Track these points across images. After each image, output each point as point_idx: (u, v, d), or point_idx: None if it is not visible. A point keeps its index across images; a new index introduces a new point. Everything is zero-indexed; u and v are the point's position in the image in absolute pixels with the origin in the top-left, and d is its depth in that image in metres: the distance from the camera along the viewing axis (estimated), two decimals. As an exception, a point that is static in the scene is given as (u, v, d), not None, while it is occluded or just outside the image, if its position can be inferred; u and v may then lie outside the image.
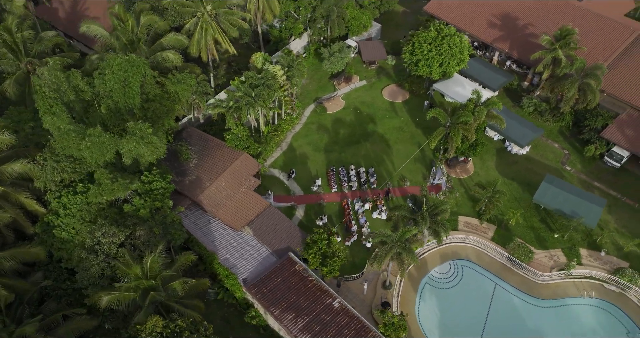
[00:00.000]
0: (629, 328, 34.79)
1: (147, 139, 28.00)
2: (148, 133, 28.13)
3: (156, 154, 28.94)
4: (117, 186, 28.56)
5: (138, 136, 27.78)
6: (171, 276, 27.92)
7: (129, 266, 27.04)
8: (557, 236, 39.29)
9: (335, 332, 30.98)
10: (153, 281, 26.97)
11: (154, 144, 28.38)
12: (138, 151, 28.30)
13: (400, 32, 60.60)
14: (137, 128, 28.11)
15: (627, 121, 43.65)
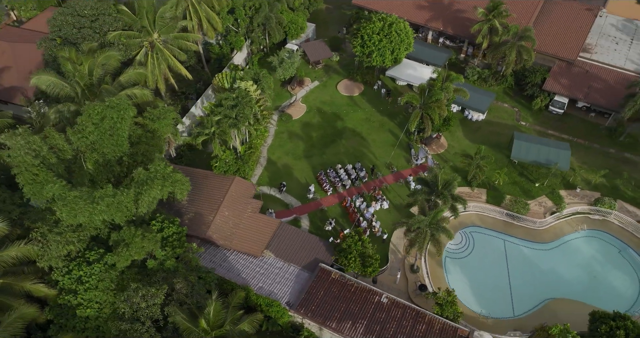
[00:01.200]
0: (619, 248, 39.93)
1: (171, 178, 25.74)
2: (169, 172, 25.91)
3: (186, 190, 26.77)
4: (147, 242, 25.96)
5: (160, 178, 25.44)
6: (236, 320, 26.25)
7: (194, 323, 24.89)
8: (538, 185, 43.53)
9: (396, 326, 31.56)
10: (226, 330, 25.14)
11: (181, 181, 26.19)
12: (162, 195, 25.90)
13: (332, 29, 61.92)
14: (157, 170, 25.72)
15: (559, 72, 49.40)
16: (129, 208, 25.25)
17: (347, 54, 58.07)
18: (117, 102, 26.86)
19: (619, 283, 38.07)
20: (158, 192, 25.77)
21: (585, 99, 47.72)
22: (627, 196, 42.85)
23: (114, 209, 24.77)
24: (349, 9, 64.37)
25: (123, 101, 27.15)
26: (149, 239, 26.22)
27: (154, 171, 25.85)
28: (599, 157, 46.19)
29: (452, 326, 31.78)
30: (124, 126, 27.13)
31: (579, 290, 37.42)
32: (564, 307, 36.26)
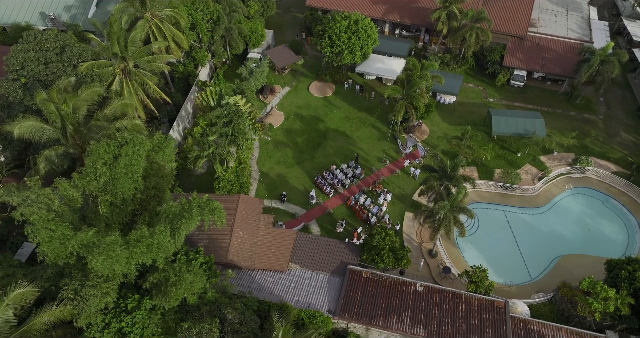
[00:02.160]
0: (602, 199, 43.78)
1: (209, 206, 24.38)
2: (206, 200, 24.55)
3: (224, 217, 25.48)
4: (195, 278, 24.49)
5: (198, 208, 24.04)
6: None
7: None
8: (520, 155, 46.52)
9: (438, 311, 32.43)
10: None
11: (219, 209, 24.89)
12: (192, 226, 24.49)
13: (288, 33, 61.80)
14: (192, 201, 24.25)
15: (513, 48, 52.96)
16: (169, 246, 23.70)
17: (309, 56, 58.28)
18: (131, 137, 25.00)
19: (609, 231, 41.76)
20: (197, 223, 24.44)
21: (542, 70, 51.62)
22: (596, 152, 47.04)
23: (155, 250, 23.11)
24: (300, 12, 64.65)
25: (137, 136, 25.32)
26: (195, 274, 24.82)
27: (186, 203, 24.44)
28: (563, 121, 50.23)
29: (488, 300, 33.24)
30: (140, 162, 25.34)
31: (579, 244, 40.59)
32: (572, 262, 39.17)
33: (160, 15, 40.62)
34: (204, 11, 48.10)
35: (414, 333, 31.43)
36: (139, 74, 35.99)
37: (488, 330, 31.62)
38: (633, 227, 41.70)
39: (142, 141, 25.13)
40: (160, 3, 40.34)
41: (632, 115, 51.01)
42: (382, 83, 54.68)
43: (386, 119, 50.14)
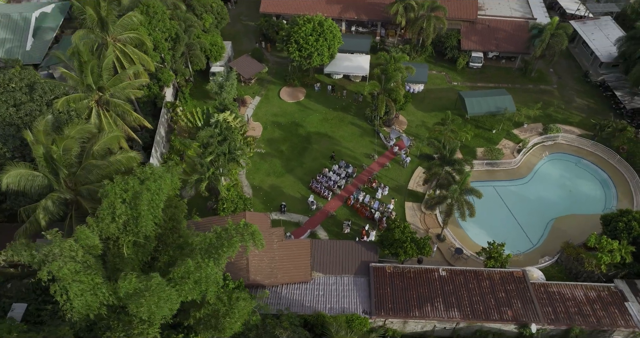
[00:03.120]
0: (574, 161, 47.39)
1: (248, 230, 23.33)
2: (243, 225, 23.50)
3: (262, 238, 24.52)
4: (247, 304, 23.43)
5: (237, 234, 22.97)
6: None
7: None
8: (495, 131, 49.13)
9: (466, 291, 33.55)
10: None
11: (257, 232, 23.90)
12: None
13: (245, 42, 60.72)
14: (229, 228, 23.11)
15: (468, 32, 55.71)
16: (218, 278, 22.51)
17: (271, 63, 57.67)
18: (151, 171, 23.39)
19: (587, 189, 45.33)
20: (238, 249, 23.40)
21: (497, 49, 54.77)
22: (560, 119, 50.77)
23: (204, 284, 21.85)
24: (250, 20, 63.74)
25: (156, 169, 23.73)
26: (245, 299, 23.81)
27: (223, 231, 23.34)
28: (524, 94, 53.65)
29: (507, 272, 34.90)
30: (162, 196, 23.83)
31: (566, 206, 43.66)
32: (565, 223, 42.10)
33: (123, 38, 38.33)
34: (161, 30, 46.00)
35: (450, 317, 32.33)
36: (118, 103, 33.75)
37: (515, 300, 33.22)
38: (606, 182, 45.53)
39: (163, 174, 23.66)
40: (120, 26, 38.01)
41: (580, 81, 55.53)
42: (350, 81, 55.34)
43: (363, 116, 50.89)
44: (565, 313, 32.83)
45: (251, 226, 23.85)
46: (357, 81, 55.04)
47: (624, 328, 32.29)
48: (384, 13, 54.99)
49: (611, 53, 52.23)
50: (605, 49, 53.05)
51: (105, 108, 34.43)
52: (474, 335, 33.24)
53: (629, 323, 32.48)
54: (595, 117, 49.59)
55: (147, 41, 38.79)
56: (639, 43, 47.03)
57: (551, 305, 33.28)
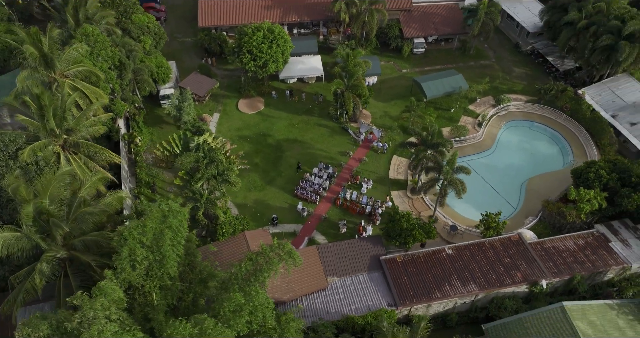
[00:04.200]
0: (528, 125, 51.27)
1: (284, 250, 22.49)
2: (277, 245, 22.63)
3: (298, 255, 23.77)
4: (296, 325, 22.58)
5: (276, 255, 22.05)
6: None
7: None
8: (453, 110, 51.76)
9: (476, 264, 35.17)
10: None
11: (293, 250, 23.12)
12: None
13: (187, 59, 58.43)
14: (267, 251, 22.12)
15: (406, 20, 57.96)
16: (271, 303, 21.55)
17: (220, 77, 56.10)
18: (168, 207, 21.73)
19: (545, 148, 49.30)
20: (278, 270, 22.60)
21: (437, 33, 57.57)
22: (505, 89, 54.55)
23: (262, 312, 20.79)
24: (185, 36, 61.49)
25: (174, 204, 22.10)
26: (293, 320, 23.04)
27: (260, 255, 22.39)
28: (468, 71, 56.88)
29: (505, 238, 37.08)
30: (184, 232, 22.34)
31: (532, 167, 47.14)
32: (536, 183, 45.46)
33: (71, 73, 35.28)
34: (104, 58, 42.92)
35: (469, 291, 33.74)
36: (89, 143, 31.03)
37: (520, 262, 35.42)
38: (558, 139, 49.78)
39: (181, 208, 22.22)
40: (66, 60, 34.93)
41: (513, 53, 60.06)
42: (304, 83, 55.36)
43: (327, 115, 51.19)
44: (564, 264, 35.59)
45: (286, 244, 23.24)
46: (312, 82, 55.21)
47: (615, 266, 35.69)
48: (326, 12, 55.61)
49: (536, 23, 57.04)
50: (530, 20, 57.82)
51: (73, 151, 31.52)
52: (491, 302, 34.97)
53: (617, 261, 35.96)
54: (535, 83, 53.95)
55: (98, 72, 36.04)
56: (560, 11, 51.76)
57: (551, 259, 35.90)
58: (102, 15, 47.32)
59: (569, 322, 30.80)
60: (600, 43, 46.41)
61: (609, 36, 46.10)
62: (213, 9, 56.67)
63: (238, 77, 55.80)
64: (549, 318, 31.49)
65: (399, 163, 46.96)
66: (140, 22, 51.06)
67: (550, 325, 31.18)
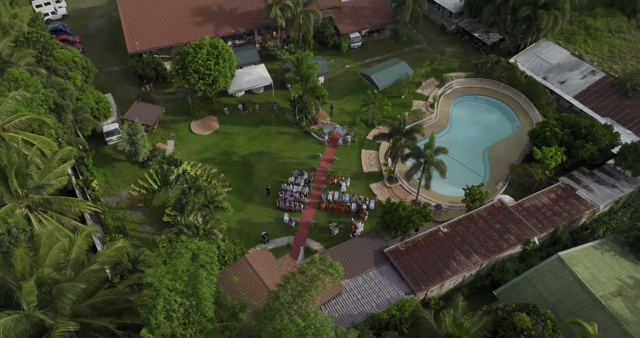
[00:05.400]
0: (473, 99, 54.64)
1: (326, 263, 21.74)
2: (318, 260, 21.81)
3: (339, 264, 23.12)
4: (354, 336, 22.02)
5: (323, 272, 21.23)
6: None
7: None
8: (404, 96, 53.68)
9: (472, 236, 36.89)
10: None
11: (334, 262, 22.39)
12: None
13: (121, 89, 54.64)
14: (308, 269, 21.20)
15: (339, 17, 58.85)
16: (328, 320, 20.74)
17: (162, 103, 53.21)
18: (197, 245, 20.03)
19: (493, 117, 52.85)
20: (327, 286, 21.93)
21: (370, 26, 59.17)
22: (444, 69, 57.55)
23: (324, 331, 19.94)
24: (111, 65, 57.49)
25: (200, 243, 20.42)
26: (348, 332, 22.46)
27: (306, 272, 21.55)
28: (406, 57, 59.03)
29: (489, 206, 39.30)
30: (216, 270, 20.84)
31: (488, 136, 50.28)
32: (495, 150, 48.57)
33: (14, 125, 31.43)
34: (37, 102, 38.76)
35: (475, 263, 35.33)
36: (61, 198, 27.84)
37: (509, 225, 37.75)
38: (501, 106, 53.60)
39: (209, 244, 20.76)
40: (4, 112, 31.00)
41: (440, 34, 63.48)
42: (253, 94, 54.23)
43: (286, 122, 50.66)
44: (546, 219, 38.53)
45: (326, 258, 22.70)
46: (261, 92, 54.26)
47: (586, 211, 39.33)
48: (259, 20, 54.83)
49: (456, 4, 60.79)
50: (450, 2, 61.49)
51: (41, 210, 28.14)
52: (493, 269, 36.92)
53: (587, 206, 39.67)
54: (471, 59, 57.52)
55: (45, 119, 32.52)
56: (478, -10, 55.68)
57: (533, 217, 38.67)
58: (19, 55, 42.89)
59: (568, 269, 33.49)
60: (521, 14, 50.65)
61: (527, 7, 50.44)
62: (140, 33, 53.49)
63: (182, 100, 53.30)
64: (550, 270, 33.97)
65: (369, 155, 47.79)
66: (65, 58, 46.80)
67: (553, 276, 33.66)
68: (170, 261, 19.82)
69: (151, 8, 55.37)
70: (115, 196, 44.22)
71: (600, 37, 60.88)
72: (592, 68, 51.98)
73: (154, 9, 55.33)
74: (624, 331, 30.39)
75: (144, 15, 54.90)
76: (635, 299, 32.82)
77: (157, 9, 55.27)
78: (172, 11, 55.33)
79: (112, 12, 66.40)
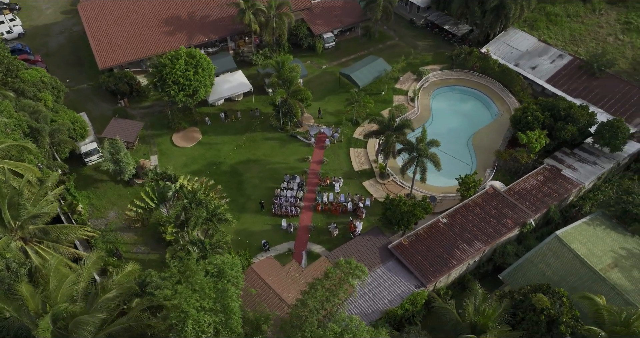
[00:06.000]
0: (450, 90, 55.78)
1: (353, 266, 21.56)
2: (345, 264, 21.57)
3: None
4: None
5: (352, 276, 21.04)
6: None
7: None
8: (384, 93, 54.20)
9: (471, 224, 37.64)
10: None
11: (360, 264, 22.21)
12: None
13: (95, 106, 52.50)
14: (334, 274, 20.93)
15: (311, 19, 58.75)
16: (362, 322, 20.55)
17: (139, 117, 51.54)
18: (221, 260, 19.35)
19: (473, 106, 54.17)
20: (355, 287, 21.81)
21: (342, 25, 59.39)
22: (419, 63, 58.49)
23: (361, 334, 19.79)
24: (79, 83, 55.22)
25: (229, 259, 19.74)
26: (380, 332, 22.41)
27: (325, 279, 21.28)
28: (381, 53, 59.56)
29: (483, 193, 40.25)
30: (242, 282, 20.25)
31: (469, 125, 51.51)
32: (478, 138, 49.81)
33: (-6, 154, 29.62)
34: (12, 127, 36.69)
35: (477, 250, 36.08)
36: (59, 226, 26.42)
37: (505, 210, 38.78)
38: (478, 95, 55.02)
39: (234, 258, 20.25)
40: (-19, 140, 29.16)
41: (410, 28, 64.47)
42: (233, 101, 53.37)
43: (270, 127, 50.14)
44: (538, 200, 39.83)
45: (352, 261, 22.58)
46: (240, 98, 53.46)
47: (573, 189, 40.93)
48: (232, 26, 54.01)
49: (423, -1, 61.98)
50: (417, -3, 62.62)
51: (36, 241, 26.63)
52: (494, 253, 37.84)
53: (574, 184, 41.28)
54: (445, 52, 58.67)
55: (27, 145, 30.82)
56: (445, -16, 56.92)
57: (526, 200, 39.90)
58: (-17, 80, 40.45)
59: (567, 246, 34.76)
60: (490, 5, 52.14)
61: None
62: (109, 48, 51.56)
63: (159, 113, 51.82)
64: (550, 250, 35.14)
65: (358, 154, 47.96)
66: (32, 79, 44.57)
67: (553, 255, 34.84)
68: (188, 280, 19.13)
69: (118, 20, 53.49)
70: (102, 219, 42.51)
71: (561, 23, 63.53)
72: (559, 52, 54.16)
73: (121, 21, 53.50)
74: (626, 300, 31.81)
75: (111, 29, 52.99)
76: (630, 269, 34.42)
77: (124, 22, 53.47)
78: (140, 23, 53.68)
79: (72, 28, 63.69)
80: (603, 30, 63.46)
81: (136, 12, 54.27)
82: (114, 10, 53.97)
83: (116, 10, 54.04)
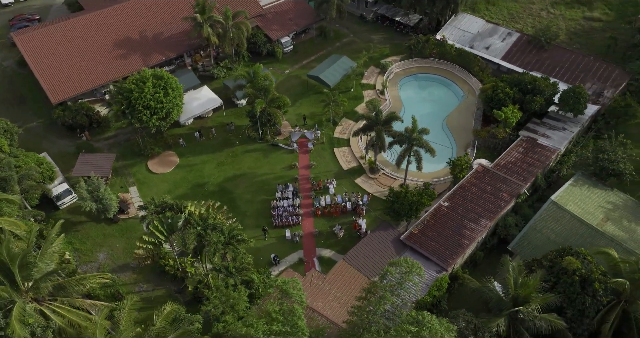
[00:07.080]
0: (414, 79, 57.36)
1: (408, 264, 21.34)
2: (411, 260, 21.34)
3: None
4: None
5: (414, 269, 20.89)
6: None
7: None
8: (353, 89, 54.67)
9: (471, 204, 38.95)
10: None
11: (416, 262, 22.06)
12: None
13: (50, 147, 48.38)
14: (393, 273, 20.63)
15: (266, 24, 57.88)
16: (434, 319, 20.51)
17: (105, 149, 48.34)
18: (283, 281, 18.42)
19: (439, 91, 56.06)
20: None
21: (298, 28, 59.11)
22: (379, 56, 59.57)
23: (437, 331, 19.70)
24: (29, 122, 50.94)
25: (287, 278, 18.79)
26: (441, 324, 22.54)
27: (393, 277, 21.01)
28: (340, 51, 60.16)
29: (474, 172, 41.79)
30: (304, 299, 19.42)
31: (440, 109, 53.29)
32: (452, 120, 51.67)
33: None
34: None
35: (484, 226, 37.42)
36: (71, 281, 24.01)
37: (498, 185, 40.53)
38: (441, 80, 57.07)
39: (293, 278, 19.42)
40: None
41: (361, 24, 65.44)
42: (202, 119, 51.45)
43: (249, 139, 48.95)
44: (525, 171, 42.02)
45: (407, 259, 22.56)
46: (210, 115, 51.66)
47: (552, 155, 43.63)
48: (188, 40, 52.01)
49: (371, -7, 63.09)
50: (364, -8, 63.68)
51: (49, 299, 24.13)
52: (497, 226, 39.45)
53: (551, 151, 44.00)
54: (396, 43, 60.16)
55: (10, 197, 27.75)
56: (390, -23, 58.30)
57: (514, 172, 41.95)
58: None
59: (564, 209, 36.97)
60: (439, -8, 54.21)
61: (443, -14, 54.12)
62: (60, 80, 47.73)
63: (126, 141, 48.90)
64: (549, 215, 37.23)
65: (343, 153, 48.04)
66: (-19, 124, 40.27)
67: (553, 219, 36.94)
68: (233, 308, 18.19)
69: (63, 49, 49.59)
70: (92, 263, 39.44)
71: (498, 3, 67.31)
72: (507, 31, 57.43)
73: (67, 49, 49.65)
74: (625, 249, 34.42)
75: (57, 59, 49.04)
76: (620, 220, 37.29)
77: (71, 49, 49.69)
78: (88, 48, 50.14)
79: (3, 63, 58.37)
80: (535, 6, 67.97)
81: (81, 37, 50.64)
82: (56, 38, 50.01)
83: (58, 38, 50.10)
